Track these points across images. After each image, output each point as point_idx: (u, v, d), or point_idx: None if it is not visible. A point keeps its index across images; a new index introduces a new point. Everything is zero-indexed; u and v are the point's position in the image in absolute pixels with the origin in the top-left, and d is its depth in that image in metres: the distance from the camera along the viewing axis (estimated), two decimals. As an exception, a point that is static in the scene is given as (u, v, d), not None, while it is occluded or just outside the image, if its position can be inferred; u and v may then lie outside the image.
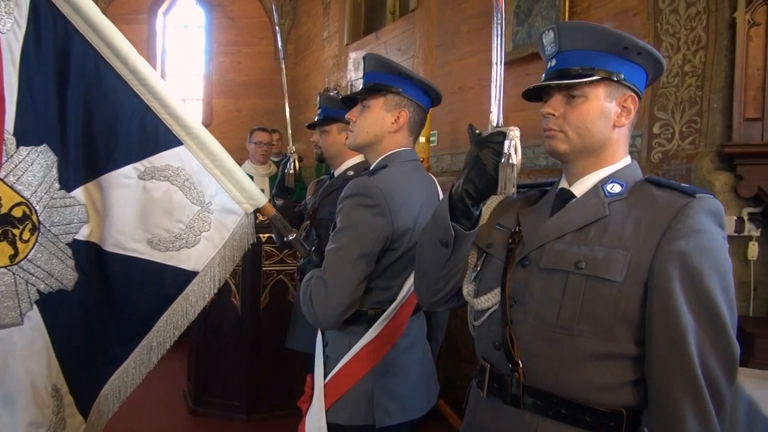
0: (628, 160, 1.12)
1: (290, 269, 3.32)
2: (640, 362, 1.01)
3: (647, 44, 1.08)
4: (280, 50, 2.79)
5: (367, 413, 1.50)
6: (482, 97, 3.33)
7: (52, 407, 1.54)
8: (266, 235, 3.17)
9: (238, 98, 7.61)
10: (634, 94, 1.08)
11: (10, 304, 1.47)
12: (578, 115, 1.07)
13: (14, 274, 1.48)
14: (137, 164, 1.62)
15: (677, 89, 2.15)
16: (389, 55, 4.40)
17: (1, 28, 1.43)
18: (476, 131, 1.06)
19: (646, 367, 1.00)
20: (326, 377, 1.54)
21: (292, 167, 2.36)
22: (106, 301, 1.64)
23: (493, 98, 1.05)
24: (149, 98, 1.60)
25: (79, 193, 1.58)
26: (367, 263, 1.45)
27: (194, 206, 1.67)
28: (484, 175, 1.02)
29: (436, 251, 1.13)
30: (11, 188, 1.47)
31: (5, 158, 1.44)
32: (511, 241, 1.14)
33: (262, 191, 1.80)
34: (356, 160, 2.18)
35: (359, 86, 1.68)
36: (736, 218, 2.01)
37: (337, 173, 2.24)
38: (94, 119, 1.57)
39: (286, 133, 2.60)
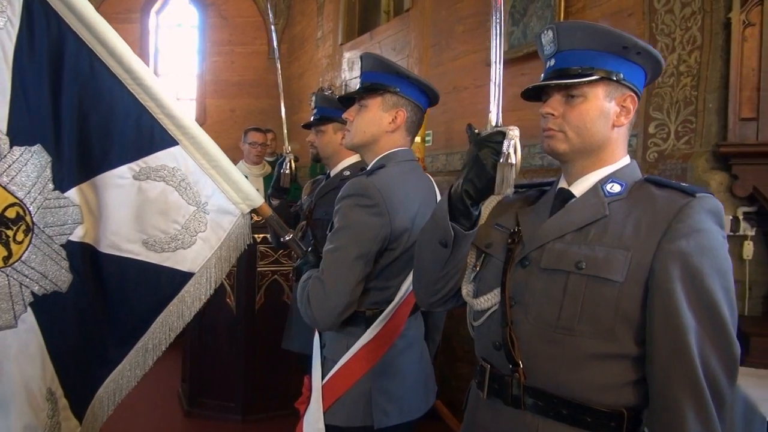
0: (627, 159, 1.12)
1: (285, 270, 3.31)
2: (640, 362, 1.00)
3: (646, 44, 1.08)
4: (275, 50, 2.78)
5: (365, 414, 1.49)
6: (477, 97, 3.33)
7: (47, 411, 1.53)
8: (261, 235, 3.16)
9: (231, 98, 7.59)
10: (633, 93, 1.08)
11: (3, 306, 1.45)
12: (577, 114, 1.07)
13: (8, 276, 1.46)
14: (132, 164, 1.60)
15: (672, 89, 2.16)
16: (384, 54, 4.38)
17: (-6, 26, 1.41)
18: (475, 131, 1.05)
19: (647, 367, 1.00)
20: (324, 378, 1.54)
21: (288, 167, 2.35)
22: (101, 302, 1.62)
23: (492, 98, 1.04)
24: (144, 98, 1.58)
25: (73, 193, 1.56)
26: (365, 264, 1.44)
27: (190, 207, 1.65)
28: (483, 175, 1.01)
29: (435, 251, 1.13)
30: (5, 189, 1.45)
31: (-2, 158, 1.42)
32: (510, 241, 1.14)
33: (257, 191, 1.79)
34: (352, 160, 2.18)
35: (353, 86, 1.68)
36: (731, 218, 2.01)
37: (333, 173, 2.23)
38: (88, 119, 1.55)
39: (280, 132, 2.60)
